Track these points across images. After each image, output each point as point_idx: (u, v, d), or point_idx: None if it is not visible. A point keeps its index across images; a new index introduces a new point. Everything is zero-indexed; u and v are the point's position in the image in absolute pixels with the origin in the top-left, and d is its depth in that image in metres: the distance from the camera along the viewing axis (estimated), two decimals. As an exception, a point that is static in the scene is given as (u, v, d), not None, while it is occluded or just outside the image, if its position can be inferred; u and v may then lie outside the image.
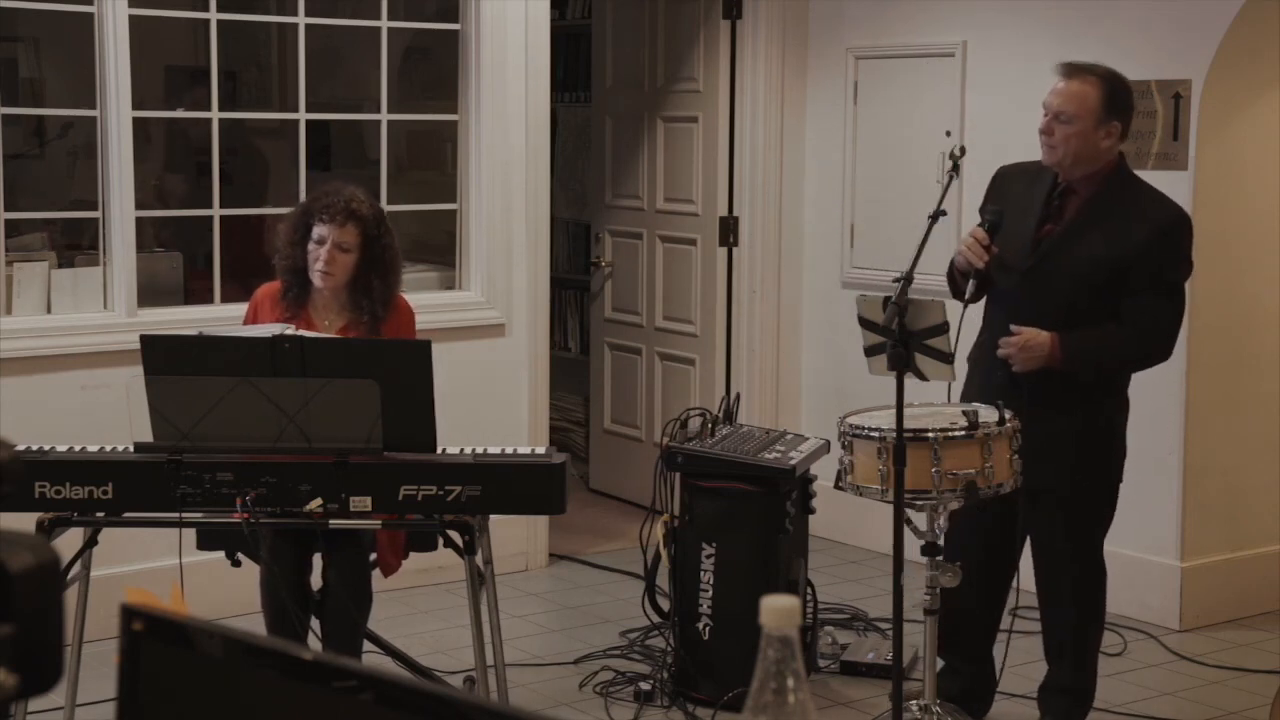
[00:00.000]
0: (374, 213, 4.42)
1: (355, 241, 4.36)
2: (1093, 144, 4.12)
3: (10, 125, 5.77)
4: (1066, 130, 4.10)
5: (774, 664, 1.23)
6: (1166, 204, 4.22)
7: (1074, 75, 4.15)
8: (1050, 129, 4.13)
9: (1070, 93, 4.12)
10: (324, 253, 4.34)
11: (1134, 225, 4.13)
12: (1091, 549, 4.36)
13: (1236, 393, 5.67)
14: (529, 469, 4.06)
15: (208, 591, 4.68)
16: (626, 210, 7.26)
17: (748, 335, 6.79)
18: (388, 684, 1.12)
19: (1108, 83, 4.16)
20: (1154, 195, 4.23)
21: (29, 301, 5.38)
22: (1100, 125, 4.12)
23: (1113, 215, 4.15)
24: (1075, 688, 4.43)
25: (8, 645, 1.13)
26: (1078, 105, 4.10)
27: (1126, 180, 4.21)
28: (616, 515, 7.01)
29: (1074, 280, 4.13)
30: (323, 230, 4.34)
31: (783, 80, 6.71)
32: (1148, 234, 4.12)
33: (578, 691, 4.95)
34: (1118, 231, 4.12)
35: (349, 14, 6.98)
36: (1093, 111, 4.10)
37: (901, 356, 3.84)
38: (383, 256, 4.39)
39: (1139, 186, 4.23)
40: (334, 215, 4.33)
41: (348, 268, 4.37)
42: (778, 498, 4.77)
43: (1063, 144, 4.12)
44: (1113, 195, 4.17)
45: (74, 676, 4.23)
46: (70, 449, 4.11)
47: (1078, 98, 4.10)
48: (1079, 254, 4.14)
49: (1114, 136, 4.15)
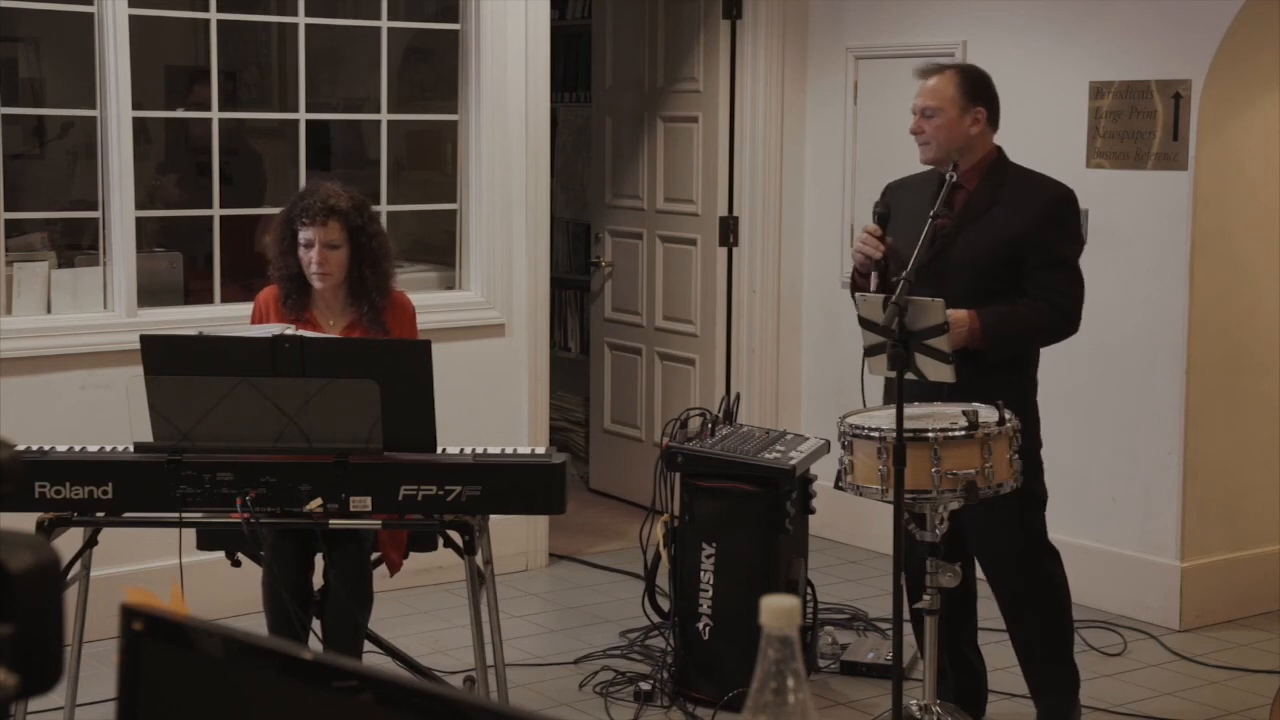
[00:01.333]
0: (353, 204, 4.42)
1: (341, 236, 4.37)
2: (962, 131, 4.29)
3: (10, 125, 5.77)
4: (934, 123, 4.30)
5: (774, 664, 1.23)
6: (1049, 184, 4.36)
7: (930, 74, 4.38)
8: (920, 127, 4.32)
9: (930, 89, 4.33)
10: (315, 255, 4.35)
11: (1021, 207, 4.27)
12: (1034, 530, 4.36)
13: (1236, 393, 5.67)
14: (529, 469, 4.06)
15: (208, 591, 4.68)
16: (626, 210, 7.26)
17: (748, 335, 6.79)
18: (388, 684, 1.12)
19: (962, 73, 4.39)
20: (1036, 178, 4.38)
21: (29, 301, 5.38)
22: (964, 112, 4.30)
23: (999, 201, 4.28)
24: (1055, 683, 4.42)
25: (8, 645, 1.13)
26: (939, 98, 4.30)
27: (1008, 169, 4.37)
28: (616, 515, 7.01)
29: (970, 268, 4.23)
30: (308, 234, 4.35)
31: (783, 80, 6.71)
32: (1035, 214, 4.25)
33: (578, 691, 4.95)
34: (1006, 216, 4.26)
35: (349, 14, 6.98)
36: (953, 100, 4.30)
37: (901, 356, 3.84)
38: (370, 245, 4.41)
39: (1020, 172, 4.38)
40: (314, 216, 4.34)
41: (342, 264, 4.38)
42: (778, 498, 4.77)
43: (934, 137, 4.30)
44: (996, 183, 4.31)
45: (74, 676, 4.22)
46: (70, 449, 4.11)
47: (937, 91, 4.31)
48: (972, 242, 4.25)
49: (981, 122, 4.32)
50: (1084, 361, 5.54)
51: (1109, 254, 5.62)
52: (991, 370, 4.22)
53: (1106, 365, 5.70)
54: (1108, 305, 5.55)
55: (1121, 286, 5.61)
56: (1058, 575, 4.42)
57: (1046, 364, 4.48)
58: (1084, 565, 4.58)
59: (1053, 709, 4.45)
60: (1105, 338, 5.63)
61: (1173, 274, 5.52)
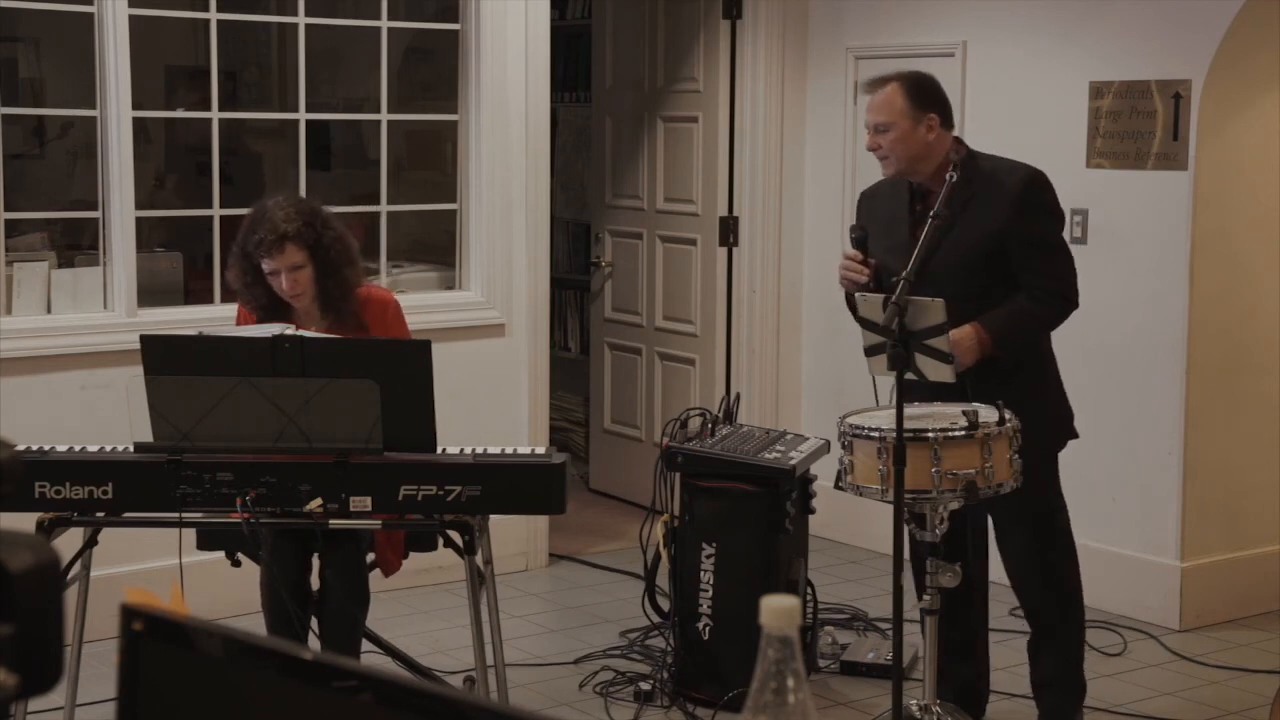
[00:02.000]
0: (304, 220, 4.30)
1: (302, 256, 4.29)
2: (918, 141, 4.26)
3: (10, 125, 5.77)
4: (888, 138, 4.26)
5: (774, 664, 1.23)
6: (1016, 168, 4.34)
7: (876, 87, 4.34)
8: (876, 143, 4.29)
9: (878, 103, 4.29)
10: (284, 282, 4.29)
11: (995, 198, 4.25)
12: (1055, 520, 4.39)
13: (1236, 393, 5.67)
14: (529, 469, 4.06)
15: (208, 591, 4.68)
16: (626, 210, 7.26)
17: (748, 335, 6.79)
18: (388, 684, 1.12)
19: (907, 81, 4.33)
20: (1002, 164, 4.36)
21: (29, 301, 5.38)
22: (917, 122, 4.26)
23: (973, 197, 4.25)
24: (1060, 677, 4.43)
25: (8, 645, 1.13)
26: (888, 112, 4.26)
27: (972, 164, 4.32)
28: (616, 515, 7.01)
29: (958, 270, 4.22)
30: (269, 264, 4.28)
31: (783, 80, 6.71)
32: (1010, 201, 4.24)
33: (578, 691, 4.95)
34: (982, 210, 4.24)
35: (349, 14, 6.98)
36: (904, 112, 4.26)
37: (901, 356, 3.84)
38: (328, 256, 4.32)
39: (985, 161, 4.35)
40: (270, 249, 4.26)
41: (310, 280, 4.33)
42: (778, 498, 4.77)
43: (891, 151, 4.27)
44: (965, 180, 4.27)
45: (74, 676, 4.22)
46: (70, 449, 4.11)
47: (886, 105, 4.27)
48: (955, 244, 4.23)
49: (935, 128, 4.29)
50: (1084, 361, 5.53)
51: (1109, 254, 5.62)
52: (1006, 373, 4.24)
53: (1106, 365, 5.70)
54: (1108, 305, 5.56)
55: (1121, 286, 5.61)
56: (1078, 581, 4.43)
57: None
58: (1084, 565, 4.57)
59: (1055, 709, 4.45)
60: (1105, 338, 5.63)
61: (1173, 274, 5.52)
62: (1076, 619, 4.46)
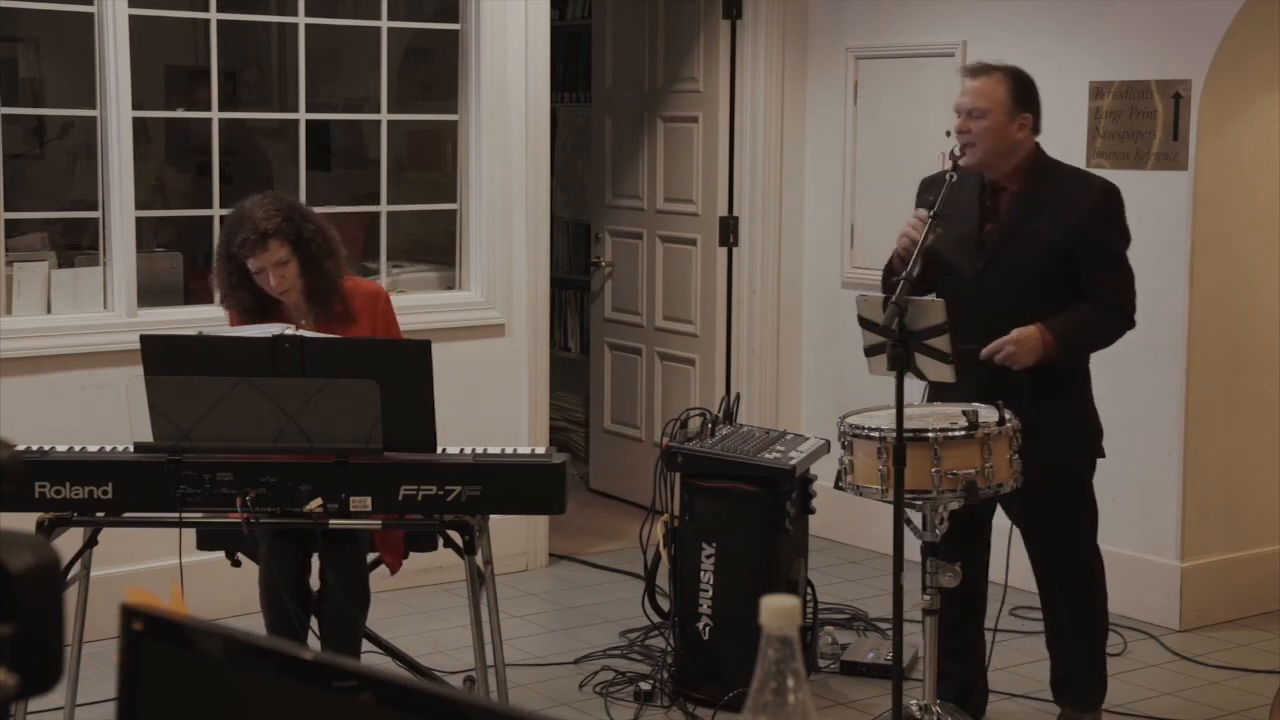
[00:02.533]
0: (283, 214, 4.32)
1: (285, 252, 4.29)
2: (1008, 136, 4.26)
3: (10, 125, 5.77)
4: (982, 125, 4.25)
5: (774, 664, 1.23)
6: (1093, 180, 4.38)
7: (980, 74, 4.32)
8: (966, 127, 4.27)
9: (980, 90, 4.27)
10: (271, 279, 4.30)
11: (1070, 207, 4.26)
12: (1090, 532, 4.42)
13: (1236, 393, 5.67)
14: (529, 469, 4.06)
15: (208, 591, 4.68)
16: (626, 210, 7.26)
17: (748, 335, 6.79)
18: (388, 684, 1.12)
19: (1013, 77, 4.33)
20: (1080, 175, 4.41)
21: (29, 301, 5.38)
22: (1012, 118, 4.27)
23: (1047, 202, 4.28)
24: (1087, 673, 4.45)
25: (8, 645, 1.13)
26: (988, 100, 4.25)
27: (1049, 166, 4.36)
28: (616, 515, 7.01)
29: (1026, 272, 4.24)
30: (254, 263, 4.29)
31: (783, 80, 6.71)
32: (1086, 211, 4.26)
33: (578, 691, 4.95)
34: (1056, 216, 4.26)
35: (349, 14, 6.98)
36: (1003, 104, 4.25)
37: (901, 356, 3.84)
38: (310, 249, 4.32)
39: (1063, 170, 4.38)
40: (253, 248, 4.26)
41: (296, 274, 4.33)
42: (778, 498, 4.77)
43: (980, 139, 4.25)
44: (1041, 184, 4.30)
45: (74, 676, 4.22)
46: (70, 449, 4.11)
47: (987, 93, 4.26)
48: (1026, 246, 4.25)
49: (1026, 128, 4.30)
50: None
51: (1109, 254, 5.62)
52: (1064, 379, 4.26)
53: (1106, 365, 5.69)
54: (1108, 305, 5.55)
55: (1121, 286, 5.61)
56: (1100, 581, 4.46)
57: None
58: (1084, 565, 4.59)
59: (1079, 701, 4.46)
60: (1105, 338, 5.63)
61: (1173, 274, 5.52)
62: (1103, 617, 4.49)
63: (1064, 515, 4.36)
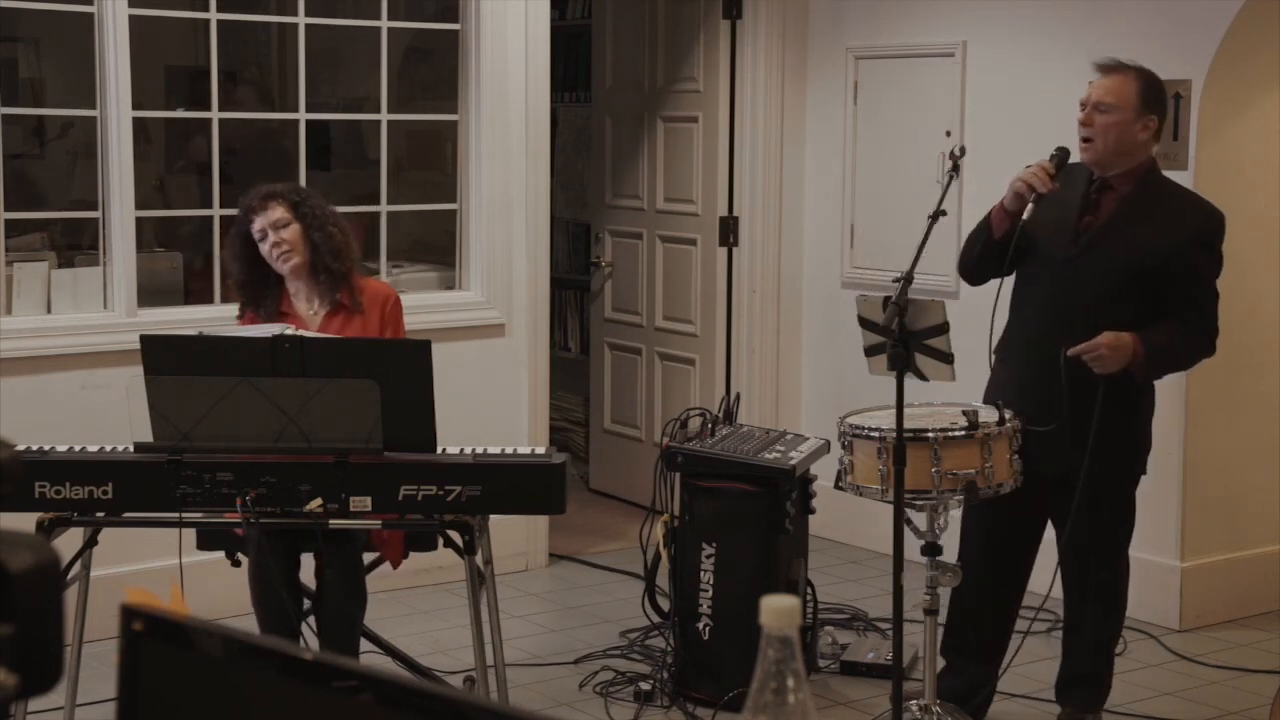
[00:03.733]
0: (289, 187, 4.56)
1: (288, 214, 4.44)
2: (1131, 136, 4.21)
3: (10, 125, 5.77)
4: (1106, 120, 4.20)
5: (774, 664, 1.23)
6: (1203, 205, 4.32)
7: (1113, 70, 4.27)
8: (1090, 120, 4.22)
9: (1110, 85, 4.23)
10: (270, 241, 4.42)
11: (1174, 224, 4.21)
12: (1126, 543, 4.43)
13: (1236, 393, 5.67)
14: (529, 469, 4.06)
15: (208, 591, 4.68)
16: (626, 210, 7.26)
17: (748, 335, 6.79)
18: (388, 684, 1.12)
19: (1144, 77, 4.28)
20: (1191, 196, 4.36)
21: (29, 301, 5.38)
22: (1138, 118, 4.21)
23: (1153, 213, 4.23)
24: (1094, 673, 4.47)
25: (8, 645, 1.13)
26: (1117, 96, 4.20)
27: (1161, 181, 4.32)
28: (616, 515, 7.01)
29: (1114, 273, 4.19)
30: (257, 224, 4.43)
31: (783, 80, 6.71)
32: (1191, 232, 4.21)
33: (578, 691, 4.95)
34: (1158, 229, 4.20)
35: (349, 14, 6.98)
36: (1131, 103, 4.20)
37: (901, 356, 3.84)
38: (310, 216, 4.45)
39: (1174, 187, 4.34)
40: (256, 206, 4.44)
41: (298, 239, 4.43)
42: (778, 498, 4.77)
43: (1102, 134, 4.20)
44: (1149, 193, 4.25)
45: (74, 676, 4.23)
46: (70, 449, 4.11)
47: (1117, 89, 4.21)
48: (1120, 248, 4.20)
49: (1150, 130, 4.24)
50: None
51: (1109, 254, 5.61)
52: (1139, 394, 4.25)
53: (1106, 365, 5.70)
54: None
55: (1121, 286, 5.61)
56: (1125, 585, 4.47)
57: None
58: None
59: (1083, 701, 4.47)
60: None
61: (1173, 274, 5.52)
62: (1120, 618, 4.51)
63: (1110, 525, 4.33)
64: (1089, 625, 4.45)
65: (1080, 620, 4.47)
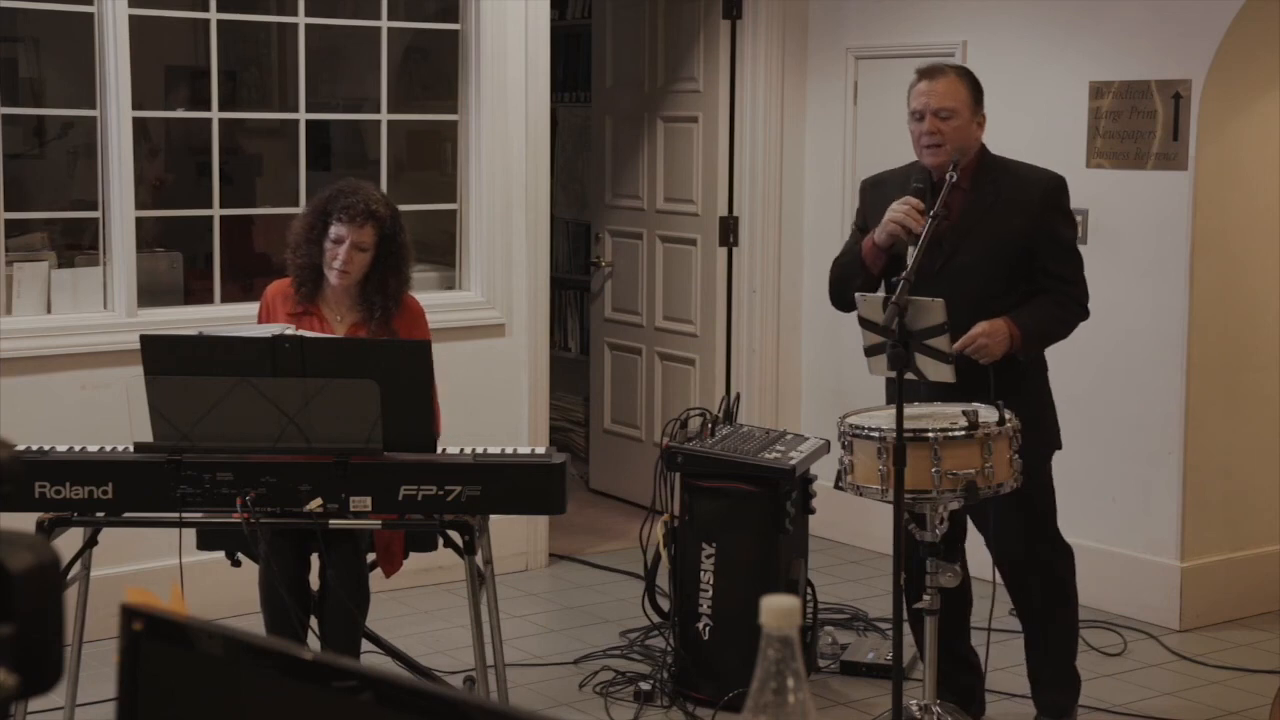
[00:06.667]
0: (390, 212, 4.45)
1: (372, 241, 4.38)
2: (971, 134, 4.32)
3: (10, 125, 5.77)
4: (952, 125, 4.27)
5: (774, 664, 1.23)
6: (1042, 173, 4.40)
7: (939, 74, 4.35)
8: (937, 128, 4.27)
9: (944, 90, 4.30)
10: (342, 252, 4.36)
11: (1024, 201, 4.30)
12: (1052, 515, 4.45)
13: (1236, 393, 5.67)
14: (529, 469, 4.06)
15: (208, 591, 4.68)
16: (626, 210, 7.26)
17: (748, 335, 6.79)
18: (388, 684, 1.12)
19: (968, 75, 4.39)
20: (1026, 169, 4.42)
21: (29, 301, 5.38)
22: (974, 115, 4.32)
23: (999, 195, 4.31)
24: (1056, 673, 4.46)
25: (8, 645, 1.13)
26: (955, 99, 4.28)
27: (994, 161, 4.39)
28: (616, 515, 7.01)
29: (987, 265, 4.27)
30: (340, 230, 4.36)
31: (783, 80, 6.71)
32: (1039, 205, 4.30)
33: (578, 691, 4.95)
34: (1010, 208, 4.29)
35: (349, 14, 6.98)
36: (967, 103, 4.31)
37: (901, 356, 3.84)
38: (397, 254, 4.42)
39: (1007, 163, 4.41)
40: (353, 217, 4.35)
41: (364, 266, 4.39)
42: (778, 498, 4.77)
43: (951, 139, 4.27)
44: (990, 178, 4.34)
45: (74, 676, 4.22)
46: (70, 449, 4.11)
47: (953, 93, 4.29)
48: (984, 240, 4.28)
49: (982, 125, 4.37)
50: (1084, 361, 5.53)
51: (1109, 254, 5.62)
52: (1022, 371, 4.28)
53: (1106, 365, 5.70)
54: (1108, 305, 5.54)
55: (1121, 286, 5.61)
56: (1068, 571, 4.46)
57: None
58: (1084, 565, 4.58)
59: (1052, 705, 4.47)
60: (1105, 338, 5.63)
61: (1173, 274, 5.52)
62: (1071, 614, 4.49)
63: (1031, 499, 4.31)
64: (1038, 623, 4.46)
65: (1029, 618, 4.48)
